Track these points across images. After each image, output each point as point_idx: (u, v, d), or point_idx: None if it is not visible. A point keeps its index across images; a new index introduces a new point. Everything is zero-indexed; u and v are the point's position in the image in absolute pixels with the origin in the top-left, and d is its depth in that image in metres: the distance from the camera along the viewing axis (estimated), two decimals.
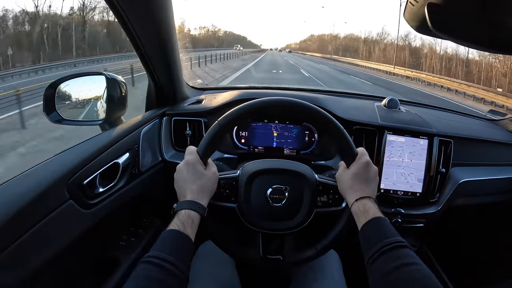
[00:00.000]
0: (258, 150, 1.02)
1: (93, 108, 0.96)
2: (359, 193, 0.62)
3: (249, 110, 0.67)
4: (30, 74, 13.31)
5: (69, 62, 17.89)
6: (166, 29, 0.83)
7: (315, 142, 1.02)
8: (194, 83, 1.26)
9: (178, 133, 1.03)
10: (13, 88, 6.99)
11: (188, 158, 0.64)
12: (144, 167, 0.90)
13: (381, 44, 44.65)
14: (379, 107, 1.08)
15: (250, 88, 1.27)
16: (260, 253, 0.70)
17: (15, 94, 5.88)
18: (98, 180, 0.73)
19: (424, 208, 0.97)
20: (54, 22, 26.49)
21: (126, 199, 0.82)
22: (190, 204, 0.59)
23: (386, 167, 0.95)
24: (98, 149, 0.74)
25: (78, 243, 0.67)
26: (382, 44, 44.71)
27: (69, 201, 0.64)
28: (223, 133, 0.68)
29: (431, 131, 0.96)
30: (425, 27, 0.44)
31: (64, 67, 15.72)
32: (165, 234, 0.54)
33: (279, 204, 0.68)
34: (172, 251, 0.51)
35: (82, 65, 17.43)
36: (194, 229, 0.57)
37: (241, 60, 24.85)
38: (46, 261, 0.60)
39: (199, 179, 0.62)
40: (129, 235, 0.93)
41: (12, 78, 12.41)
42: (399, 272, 0.48)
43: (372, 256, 0.52)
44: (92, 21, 29.53)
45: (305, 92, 1.24)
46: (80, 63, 18.26)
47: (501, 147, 1.10)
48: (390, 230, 0.56)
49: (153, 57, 0.87)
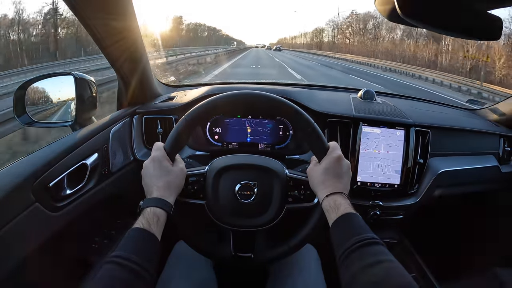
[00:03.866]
0: (232, 146, 1.00)
1: (64, 109, 0.94)
2: (330, 189, 0.60)
3: (215, 104, 0.66)
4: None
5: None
6: (129, 29, 0.81)
7: (290, 136, 1.01)
8: (167, 80, 1.25)
9: (149, 132, 1.01)
10: None
11: (155, 154, 0.63)
12: (115, 167, 0.89)
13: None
14: (355, 99, 1.07)
15: (224, 83, 1.26)
16: (231, 251, 0.69)
17: None
18: (66, 181, 0.71)
19: (403, 199, 0.97)
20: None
21: (97, 200, 0.80)
22: (156, 201, 0.58)
23: (362, 159, 0.94)
24: (65, 150, 0.72)
25: (47, 246, 0.65)
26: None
27: (35, 204, 0.63)
28: (190, 129, 0.66)
29: (407, 122, 0.96)
30: (396, 14, 0.43)
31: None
32: (129, 233, 0.53)
33: (248, 200, 0.67)
34: (136, 250, 0.50)
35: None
36: (160, 227, 0.56)
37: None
38: (13, 266, 0.58)
39: (166, 176, 0.61)
40: (103, 237, 0.91)
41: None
42: (371, 270, 0.46)
43: (342, 253, 0.51)
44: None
45: (280, 86, 1.23)
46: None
47: (480, 136, 1.11)
48: (361, 226, 0.54)
49: (119, 56, 0.86)
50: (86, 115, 0.88)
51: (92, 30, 0.74)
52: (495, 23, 0.44)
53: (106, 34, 0.77)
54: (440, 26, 0.45)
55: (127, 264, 0.47)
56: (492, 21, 0.44)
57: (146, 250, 0.52)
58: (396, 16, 0.46)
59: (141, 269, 0.48)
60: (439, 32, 0.51)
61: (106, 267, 0.48)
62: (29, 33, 26.46)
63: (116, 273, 0.47)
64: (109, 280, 0.46)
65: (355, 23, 52.61)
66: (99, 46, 0.80)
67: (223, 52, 25.21)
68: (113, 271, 0.47)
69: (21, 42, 24.43)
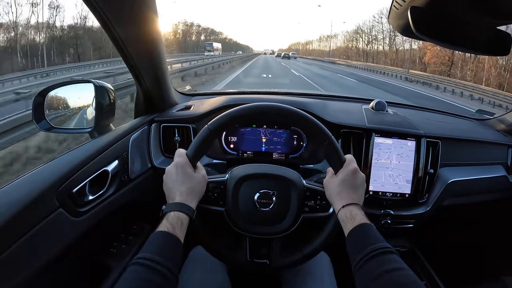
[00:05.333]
0: (247, 155, 1.02)
1: (82, 115, 0.96)
2: (346, 200, 0.62)
3: (239, 115, 0.68)
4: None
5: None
6: (151, 37, 0.84)
7: (304, 146, 1.03)
8: (183, 89, 1.27)
9: (167, 140, 1.03)
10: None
11: (178, 160, 0.64)
12: (134, 174, 0.91)
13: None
14: (367, 109, 1.09)
15: (239, 93, 1.28)
16: (247, 257, 0.71)
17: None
18: (88, 188, 0.73)
19: (413, 209, 0.99)
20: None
21: (116, 206, 0.82)
22: (179, 206, 0.59)
23: (374, 169, 0.96)
24: (87, 157, 0.74)
25: (69, 251, 0.67)
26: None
27: (59, 209, 0.65)
28: (212, 138, 0.68)
29: (418, 133, 0.97)
30: (410, 30, 0.45)
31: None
32: (154, 235, 0.54)
33: (267, 208, 0.68)
34: (162, 252, 0.51)
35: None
36: (183, 231, 0.58)
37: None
38: (37, 270, 0.60)
39: (188, 181, 0.63)
40: (120, 242, 0.93)
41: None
42: (385, 278, 0.48)
43: (358, 262, 0.53)
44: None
45: (294, 96, 1.25)
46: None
47: (488, 147, 1.12)
48: (376, 236, 0.56)
49: (139, 65, 0.88)
50: (104, 122, 0.90)
51: (113, 34, 0.75)
52: (504, 39, 0.46)
53: (128, 40, 0.79)
54: (452, 42, 0.47)
55: (154, 266, 0.48)
56: (501, 37, 0.46)
57: (171, 253, 0.53)
58: (409, 32, 0.47)
59: (167, 271, 0.49)
60: (450, 47, 0.53)
61: (133, 268, 0.48)
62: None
63: (142, 275, 0.48)
64: (136, 281, 0.47)
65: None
66: (119, 51, 0.81)
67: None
68: (139, 273, 0.48)
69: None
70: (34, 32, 26.36)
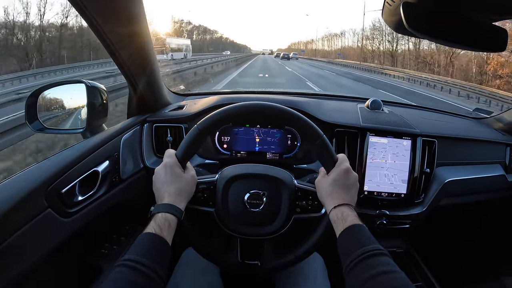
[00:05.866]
0: (240, 155, 1.01)
1: (75, 116, 0.95)
2: (338, 200, 0.61)
3: (228, 114, 0.67)
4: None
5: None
6: (140, 37, 0.83)
7: (298, 146, 1.02)
8: (176, 89, 1.26)
9: (159, 140, 1.03)
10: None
11: (167, 161, 0.64)
12: (125, 175, 0.90)
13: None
14: (362, 108, 1.08)
15: (233, 93, 1.27)
16: (238, 258, 0.70)
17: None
18: (77, 188, 0.73)
19: (409, 209, 0.97)
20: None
21: (107, 207, 0.82)
22: (167, 207, 0.59)
23: (369, 168, 0.95)
24: (77, 158, 0.73)
25: (58, 252, 0.67)
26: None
27: (48, 209, 0.64)
28: (202, 138, 0.67)
29: (414, 132, 0.96)
30: (402, 26, 0.44)
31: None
32: (141, 237, 0.54)
33: (257, 209, 0.67)
34: (148, 254, 0.51)
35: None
36: (171, 233, 0.57)
37: None
38: (25, 271, 0.59)
39: (177, 182, 0.62)
40: (112, 243, 0.92)
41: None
42: (375, 281, 0.47)
43: (348, 264, 0.52)
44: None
45: (288, 95, 1.24)
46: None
47: (486, 146, 1.11)
48: (368, 237, 0.55)
49: (130, 66, 0.87)
50: (97, 122, 0.90)
51: (102, 36, 0.75)
52: (500, 35, 0.45)
53: (117, 40, 0.78)
54: (446, 38, 0.46)
55: (139, 268, 0.48)
56: (497, 33, 0.45)
57: (158, 255, 0.52)
58: (402, 28, 0.47)
59: (153, 273, 0.49)
60: (444, 44, 0.52)
61: (118, 270, 0.48)
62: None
63: (128, 276, 0.47)
64: (122, 283, 0.46)
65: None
66: (109, 53, 0.81)
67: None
68: (125, 274, 0.47)
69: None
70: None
